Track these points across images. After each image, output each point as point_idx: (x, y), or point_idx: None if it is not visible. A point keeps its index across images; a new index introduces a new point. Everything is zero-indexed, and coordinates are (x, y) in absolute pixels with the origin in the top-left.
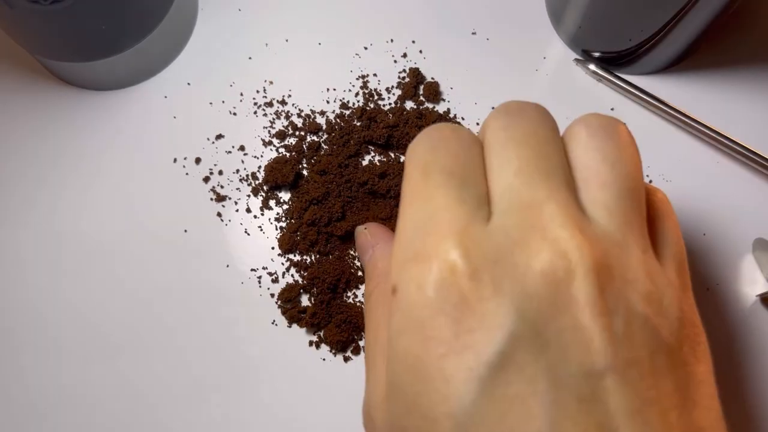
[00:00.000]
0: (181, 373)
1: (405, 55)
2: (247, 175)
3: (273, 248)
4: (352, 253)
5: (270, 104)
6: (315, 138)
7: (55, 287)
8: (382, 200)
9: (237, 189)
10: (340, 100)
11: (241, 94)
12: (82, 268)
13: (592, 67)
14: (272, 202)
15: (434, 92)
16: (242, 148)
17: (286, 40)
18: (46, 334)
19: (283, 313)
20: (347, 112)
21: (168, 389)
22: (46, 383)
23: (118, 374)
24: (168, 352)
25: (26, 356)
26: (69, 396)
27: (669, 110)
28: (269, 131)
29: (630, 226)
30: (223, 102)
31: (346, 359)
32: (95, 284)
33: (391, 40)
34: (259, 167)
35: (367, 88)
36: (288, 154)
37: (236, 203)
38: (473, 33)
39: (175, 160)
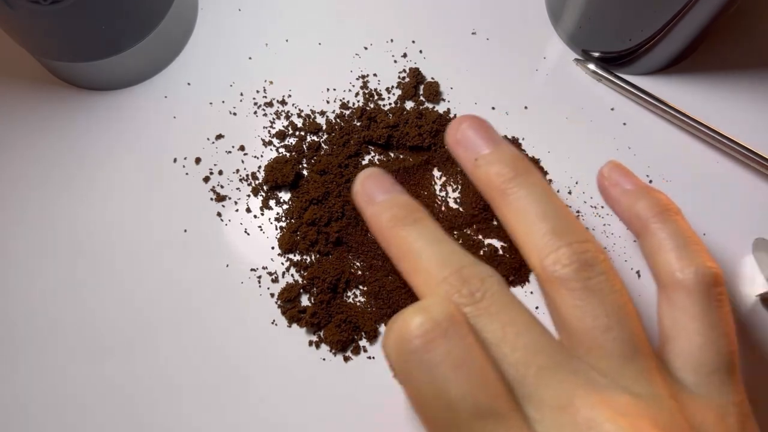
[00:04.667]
0: (181, 372)
1: (405, 55)
2: (247, 175)
3: (273, 248)
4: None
5: (270, 104)
6: (315, 138)
7: (55, 286)
8: None
9: (237, 189)
10: (340, 100)
11: (241, 94)
12: (82, 267)
13: (592, 67)
14: (272, 202)
15: (434, 92)
16: (242, 148)
17: (286, 40)
18: (45, 333)
19: (283, 313)
20: (347, 112)
21: (168, 388)
22: (46, 382)
23: (118, 374)
24: (168, 352)
25: (26, 356)
26: (68, 395)
27: (669, 110)
28: (269, 131)
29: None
30: (223, 102)
31: (346, 359)
32: (95, 283)
33: (391, 40)
34: (259, 167)
35: (367, 88)
36: (288, 154)
37: (236, 203)
38: (473, 33)
39: (175, 160)
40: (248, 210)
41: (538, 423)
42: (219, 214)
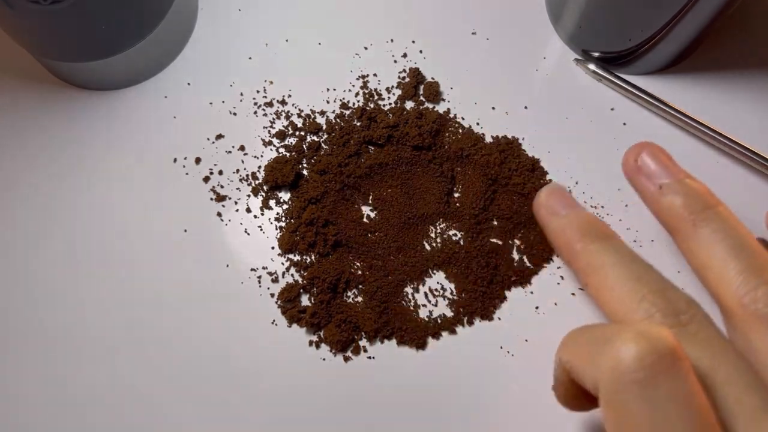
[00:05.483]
0: (180, 372)
1: (405, 55)
2: (247, 175)
3: (273, 248)
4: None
5: (270, 104)
6: (315, 138)
7: (55, 286)
8: None
9: (237, 189)
10: (340, 100)
11: (241, 94)
12: (82, 267)
13: (592, 67)
14: (272, 202)
15: (434, 92)
16: (242, 148)
17: (286, 40)
18: (44, 334)
19: (283, 313)
20: (347, 112)
21: (167, 389)
22: (45, 382)
23: (117, 374)
24: (167, 352)
25: (25, 356)
26: (67, 395)
27: (669, 110)
28: (269, 131)
29: None
30: (223, 102)
31: (346, 359)
32: (95, 283)
33: (391, 40)
34: (259, 167)
35: (367, 88)
36: (288, 154)
37: (236, 203)
38: (473, 33)
39: (175, 160)
40: (248, 210)
41: None
42: (219, 214)
